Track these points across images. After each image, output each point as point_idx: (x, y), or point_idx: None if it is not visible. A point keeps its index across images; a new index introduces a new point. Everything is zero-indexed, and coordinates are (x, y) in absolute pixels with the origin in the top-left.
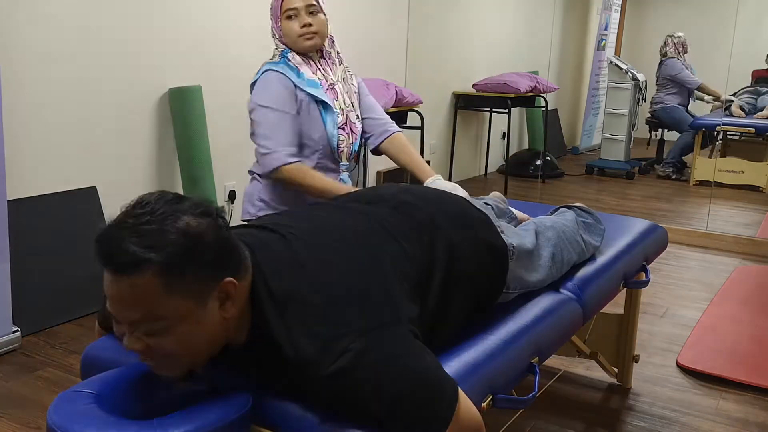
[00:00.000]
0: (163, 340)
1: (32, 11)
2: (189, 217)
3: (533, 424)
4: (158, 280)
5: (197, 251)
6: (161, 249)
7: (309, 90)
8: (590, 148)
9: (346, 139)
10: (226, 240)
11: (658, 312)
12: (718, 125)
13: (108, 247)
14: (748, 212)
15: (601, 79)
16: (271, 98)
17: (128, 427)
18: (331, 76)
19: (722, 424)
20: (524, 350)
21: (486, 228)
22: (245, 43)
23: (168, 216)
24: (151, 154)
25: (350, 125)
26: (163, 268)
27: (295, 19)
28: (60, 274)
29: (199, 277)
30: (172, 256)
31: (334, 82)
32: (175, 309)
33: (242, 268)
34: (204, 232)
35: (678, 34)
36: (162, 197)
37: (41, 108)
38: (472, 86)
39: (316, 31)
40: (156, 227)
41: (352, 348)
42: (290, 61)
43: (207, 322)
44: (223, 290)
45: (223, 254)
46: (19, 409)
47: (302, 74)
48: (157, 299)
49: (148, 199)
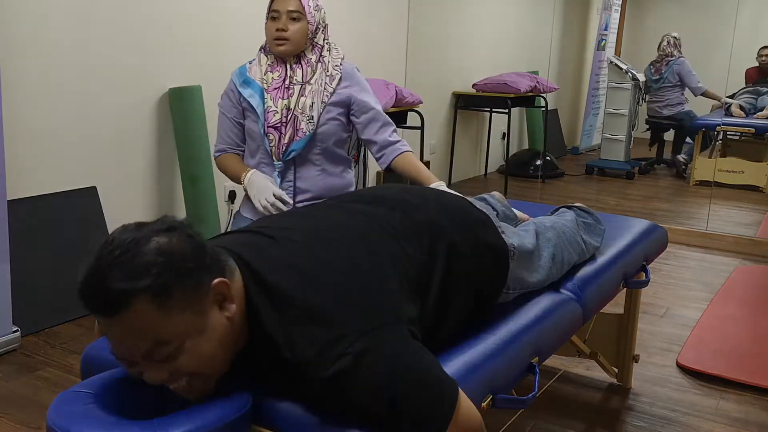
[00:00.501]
0: (179, 360)
1: (32, 11)
2: (157, 237)
3: (533, 424)
4: (151, 305)
5: (177, 264)
6: (144, 274)
7: (242, 92)
8: (590, 148)
9: (276, 139)
10: (200, 246)
11: (658, 312)
12: (718, 125)
13: (95, 294)
14: (748, 212)
15: (601, 79)
16: (223, 102)
17: (128, 427)
18: (297, 78)
19: (722, 424)
20: (524, 350)
21: (486, 228)
22: (245, 43)
23: (138, 242)
24: (151, 154)
25: (291, 126)
26: (152, 291)
27: (275, 22)
28: (60, 274)
29: (188, 288)
30: (156, 277)
31: (298, 83)
32: (178, 327)
33: (226, 270)
34: (177, 245)
35: (674, 34)
36: (125, 229)
37: (41, 108)
38: (472, 86)
39: (288, 38)
40: (130, 256)
41: (351, 350)
42: (251, 65)
43: (213, 328)
44: (217, 292)
45: (202, 260)
46: (19, 409)
47: (247, 77)
48: (158, 324)
49: (112, 236)
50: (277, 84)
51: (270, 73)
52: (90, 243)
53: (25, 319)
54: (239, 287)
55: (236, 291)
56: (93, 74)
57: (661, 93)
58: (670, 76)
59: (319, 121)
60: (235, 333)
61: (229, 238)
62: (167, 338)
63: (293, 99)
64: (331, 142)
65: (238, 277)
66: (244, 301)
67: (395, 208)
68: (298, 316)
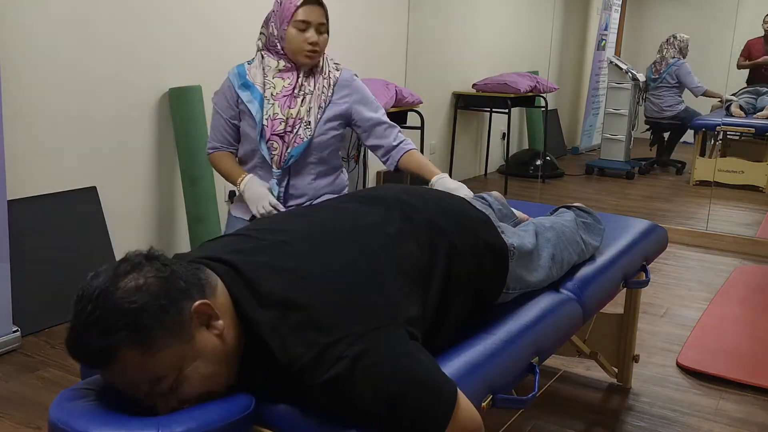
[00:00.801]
0: (183, 388)
1: (32, 11)
2: (124, 281)
3: (533, 424)
4: (136, 350)
5: (150, 306)
6: (120, 327)
7: (240, 94)
8: (590, 148)
9: (279, 148)
10: (171, 276)
11: (658, 312)
12: (718, 125)
13: (80, 354)
14: (748, 212)
15: (601, 79)
16: (218, 100)
17: (130, 424)
18: (309, 87)
19: (722, 424)
20: (524, 350)
21: (486, 228)
22: (245, 43)
23: (106, 294)
24: (151, 154)
25: (292, 135)
26: (132, 340)
27: (304, 32)
28: (60, 274)
29: (167, 323)
30: (133, 326)
31: (303, 94)
32: (170, 360)
33: (206, 287)
34: (145, 285)
35: (683, 36)
36: (93, 278)
37: (41, 108)
38: (472, 86)
39: (319, 51)
40: (102, 311)
41: (348, 353)
42: (251, 66)
43: (206, 350)
44: (199, 314)
45: (176, 289)
46: (19, 409)
47: (246, 80)
48: (148, 365)
49: (82, 290)
50: (287, 92)
51: (280, 79)
52: (90, 243)
53: (25, 319)
54: (224, 300)
55: (221, 305)
56: (93, 74)
57: (659, 93)
58: (668, 77)
59: (316, 130)
60: (230, 345)
61: (222, 243)
62: (163, 373)
63: (297, 107)
64: (326, 152)
65: (221, 289)
66: (233, 311)
67: (394, 208)
68: (293, 321)
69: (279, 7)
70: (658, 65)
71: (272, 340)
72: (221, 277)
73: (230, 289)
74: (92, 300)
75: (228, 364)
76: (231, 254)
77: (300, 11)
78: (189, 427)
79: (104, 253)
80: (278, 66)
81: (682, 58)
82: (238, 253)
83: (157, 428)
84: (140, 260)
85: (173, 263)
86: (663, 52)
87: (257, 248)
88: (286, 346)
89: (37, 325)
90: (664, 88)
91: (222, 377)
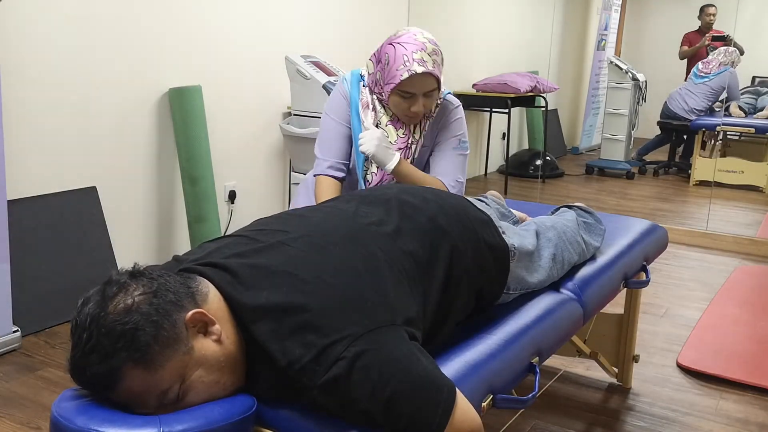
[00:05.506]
0: (190, 396)
1: (32, 11)
2: (113, 303)
3: (533, 424)
4: (138, 369)
5: (142, 324)
6: (117, 350)
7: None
8: (590, 148)
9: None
10: (159, 289)
11: (658, 312)
12: (717, 125)
13: (85, 382)
14: (748, 212)
15: (601, 79)
16: (332, 107)
17: (132, 422)
18: (417, 136)
19: (722, 424)
20: (524, 350)
21: (487, 228)
22: (245, 43)
23: (97, 320)
24: (151, 154)
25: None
26: (132, 359)
27: (408, 101)
28: (60, 274)
29: (163, 338)
30: (130, 346)
31: (416, 139)
32: (173, 372)
33: (197, 295)
34: (134, 305)
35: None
36: (82, 307)
37: (41, 108)
38: (472, 86)
39: (424, 114)
40: (96, 338)
41: (347, 354)
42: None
43: (206, 356)
44: (194, 323)
45: (166, 302)
46: (19, 409)
47: (358, 110)
48: (152, 380)
49: (75, 319)
50: (402, 143)
51: (392, 128)
52: (90, 243)
53: (25, 319)
54: (218, 305)
55: (216, 310)
56: (93, 74)
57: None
58: (718, 80)
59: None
60: (230, 348)
61: (220, 244)
62: (168, 386)
63: (412, 155)
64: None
65: (214, 296)
66: (229, 315)
67: (395, 208)
68: (292, 324)
69: (386, 65)
70: (707, 66)
71: (271, 343)
72: (216, 282)
73: (226, 294)
74: (86, 328)
75: (230, 367)
76: (228, 258)
77: (406, 82)
78: (190, 426)
79: (104, 253)
80: (386, 115)
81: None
82: (235, 257)
83: (159, 426)
84: (125, 279)
85: (160, 276)
86: (718, 56)
87: (255, 250)
88: (285, 349)
89: (37, 325)
90: (706, 90)
91: (227, 382)
